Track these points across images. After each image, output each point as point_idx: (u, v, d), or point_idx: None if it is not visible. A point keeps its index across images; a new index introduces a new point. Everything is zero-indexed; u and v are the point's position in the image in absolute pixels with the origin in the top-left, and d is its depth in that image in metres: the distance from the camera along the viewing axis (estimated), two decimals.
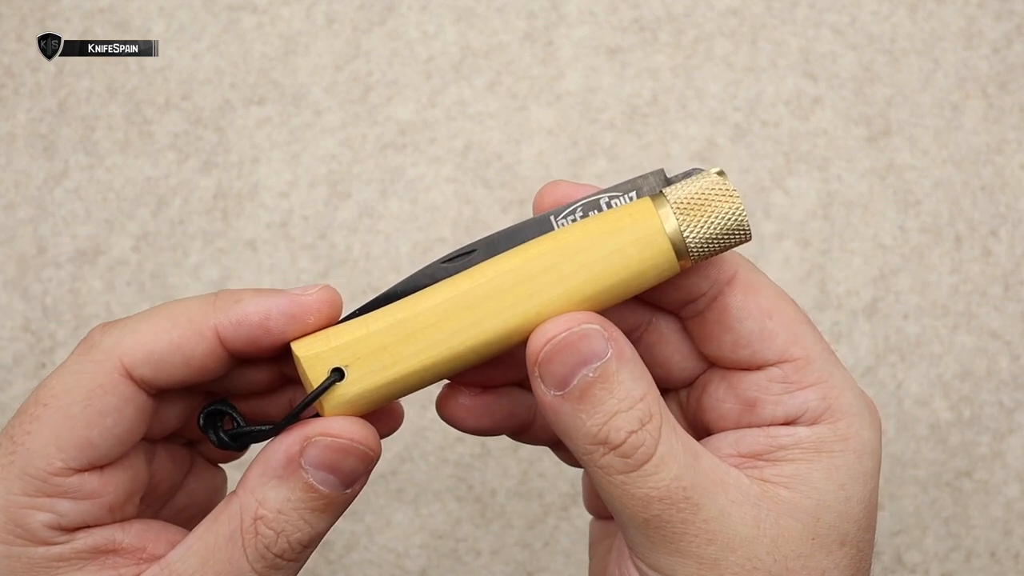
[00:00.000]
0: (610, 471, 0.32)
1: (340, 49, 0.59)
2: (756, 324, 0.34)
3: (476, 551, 0.56)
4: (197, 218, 0.58)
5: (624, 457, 0.32)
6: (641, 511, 0.32)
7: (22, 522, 0.31)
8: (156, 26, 0.59)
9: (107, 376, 0.32)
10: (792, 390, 0.34)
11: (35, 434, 0.31)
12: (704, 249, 0.33)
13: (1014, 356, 0.57)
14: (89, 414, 0.31)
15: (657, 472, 0.32)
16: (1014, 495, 0.56)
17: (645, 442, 0.32)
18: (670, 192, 0.33)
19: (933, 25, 0.59)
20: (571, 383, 0.32)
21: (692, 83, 0.59)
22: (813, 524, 0.33)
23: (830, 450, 0.34)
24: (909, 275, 0.57)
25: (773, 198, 0.58)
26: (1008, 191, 0.58)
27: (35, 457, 0.31)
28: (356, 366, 0.32)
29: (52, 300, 0.57)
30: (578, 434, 0.32)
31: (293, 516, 0.32)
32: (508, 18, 0.59)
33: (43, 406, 0.31)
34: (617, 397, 0.32)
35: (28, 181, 0.58)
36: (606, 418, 0.32)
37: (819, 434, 0.34)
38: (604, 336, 0.32)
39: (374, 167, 0.58)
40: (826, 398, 0.34)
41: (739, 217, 0.33)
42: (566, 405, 0.32)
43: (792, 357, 0.34)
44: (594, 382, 0.32)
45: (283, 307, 0.32)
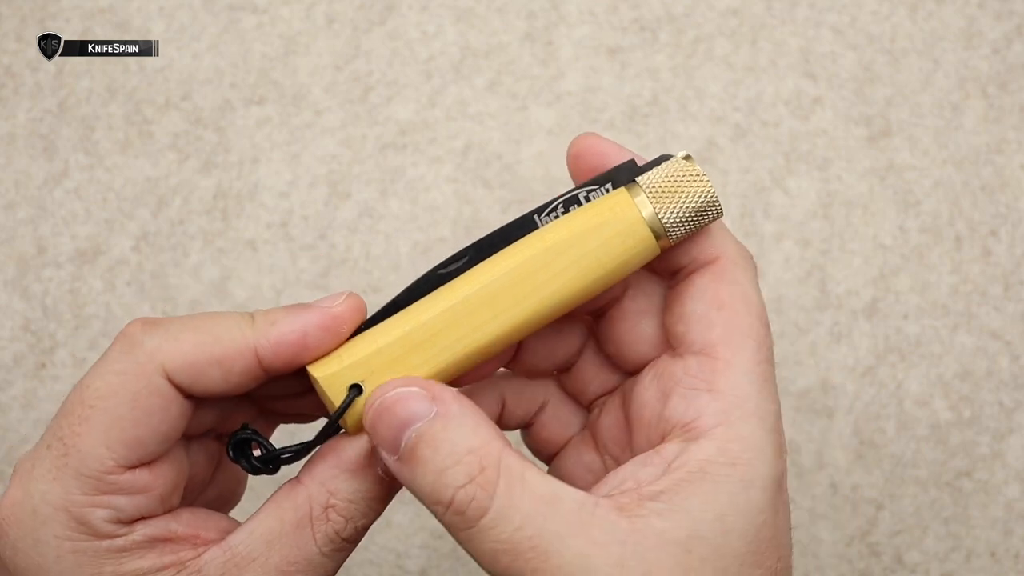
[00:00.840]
0: (454, 529, 0.32)
1: (340, 49, 0.59)
2: (703, 309, 0.34)
3: None
4: (197, 218, 0.58)
5: (458, 514, 0.31)
6: (491, 565, 0.31)
7: (84, 519, 0.32)
8: (156, 26, 0.59)
9: (151, 378, 0.33)
10: (699, 389, 0.33)
11: (85, 435, 0.32)
12: (681, 229, 0.35)
13: (1014, 356, 0.57)
14: (137, 415, 0.32)
15: (496, 525, 0.31)
16: (1014, 495, 0.56)
17: (475, 496, 0.31)
18: (643, 180, 0.35)
19: (933, 25, 0.59)
20: (400, 446, 0.32)
21: (692, 83, 0.59)
22: (684, 557, 0.31)
23: (714, 473, 0.32)
24: (909, 275, 0.57)
25: (773, 198, 0.58)
26: (1008, 191, 0.58)
27: (88, 458, 0.32)
28: (372, 380, 0.33)
29: (52, 300, 0.57)
30: (420, 495, 0.32)
31: (362, 505, 0.34)
32: (508, 18, 0.59)
33: (90, 407, 0.32)
34: (442, 454, 0.32)
35: (28, 181, 0.58)
36: (435, 476, 0.31)
37: (706, 452, 0.32)
38: (425, 396, 0.32)
39: (374, 167, 0.58)
40: (725, 412, 0.33)
41: (709, 195, 0.34)
42: (402, 467, 0.32)
43: (716, 355, 0.33)
44: (418, 441, 0.32)
45: (318, 323, 0.34)
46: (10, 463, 0.56)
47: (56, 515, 0.32)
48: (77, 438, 0.32)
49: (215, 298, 0.57)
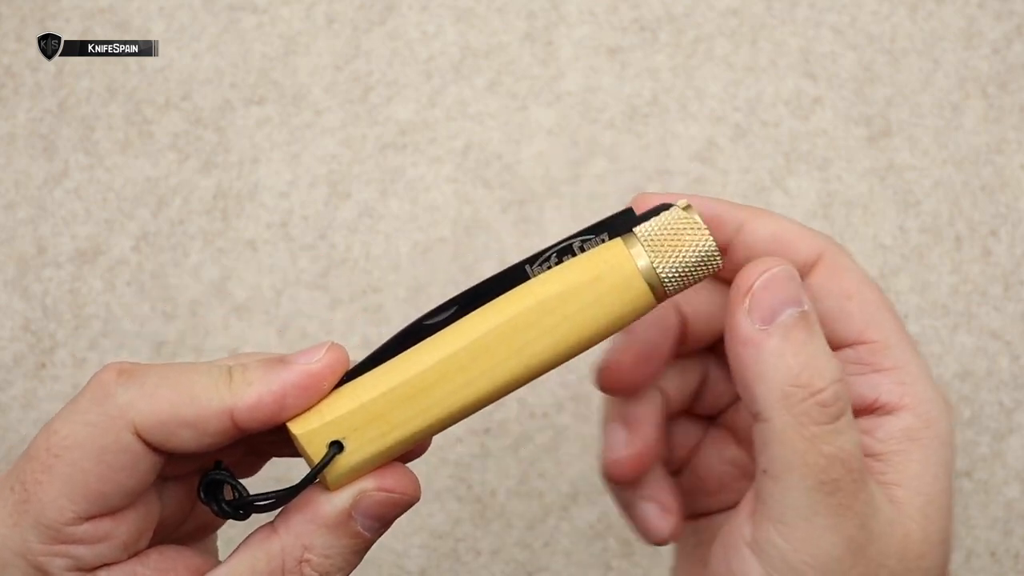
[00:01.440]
0: (805, 420, 0.31)
1: (340, 49, 0.59)
2: (835, 303, 0.34)
3: (476, 551, 0.56)
4: (197, 218, 0.58)
5: (823, 406, 0.31)
6: (822, 471, 0.31)
7: (42, 568, 0.32)
8: (156, 26, 0.59)
9: (120, 434, 0.32)
10: (866, 372, 0.34)
11: (47, 484, 0.32)
12: (678, 283, 0.33)
13: (1014, 356, 0.57)
14: (101, 469, 0.32)
15: (847, 431, 0.31)
16: (1014, 495, 0.56)
17: (843, 397, 0.31)
18: (640, 231, 0.33)
19: (933, 25, 0.59)
20: (777, 319, 0.32)
21: (692, 83, 0.59)
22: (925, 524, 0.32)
23: (919, 437, 0.33)
24: (909, 275, 0.57)
25: (773, 198, 0.58)
26: (1008, 191, 0.58)
27: (47, 508, 0.31)
28: (353, 437, 0.32)
29: (52, 300, 0.57)
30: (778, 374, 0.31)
31: (338, 560, 0.33)
32: (508, 18, 0.59)
33: (55, 456, 0.32)
34: (817, 345, 0.32)
35: (28, 181, 0.58)
36: (810, 359, 0.31)
37: (906, 422, 0.33)
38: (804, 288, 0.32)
39: (374, 167, 0.58)
40: (902, 383, 0.33)
41: (709, 249, 0.33)
42: (771, 340, 0.32)
43: (868, 339, 0.34)
44: (799, 321, 0.32)
45: (296, 382, 0.32)
46: (9, 463, 0.56)
47: (14, 560, 0.32)
48: (38, 486, 0.31)
49: (215, 298, 0.57)
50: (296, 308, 0.57)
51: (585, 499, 0.56)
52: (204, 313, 0.57)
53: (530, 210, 0.57)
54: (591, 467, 0.56)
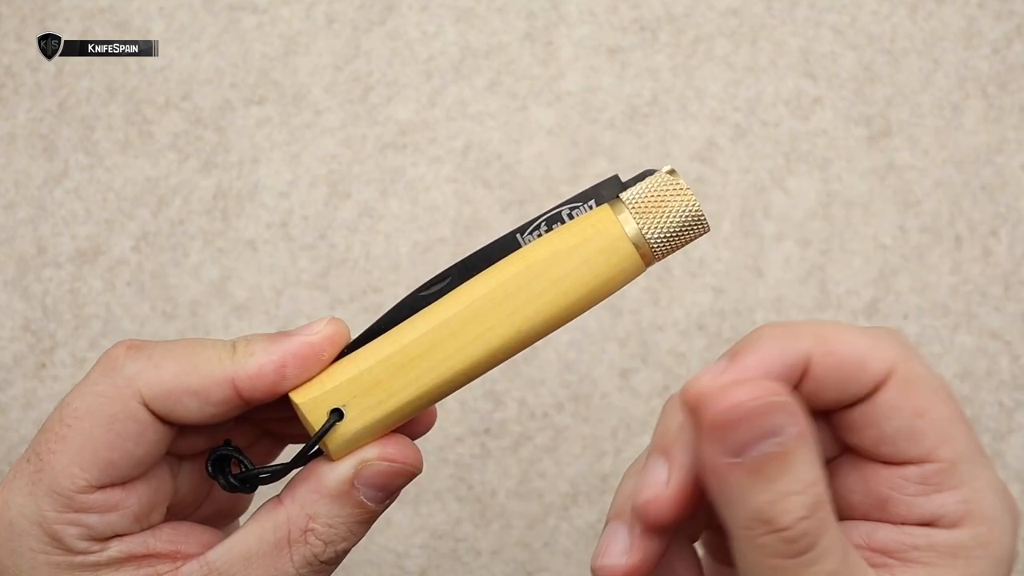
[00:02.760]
0: (767, 553, 0.31)
1: (340, 49, 0.59)
2: (905, 423, 0.33)
3: (476, 551, 0.56)
4: (197, 218, 0.58)
5: (788, 543, 0.30)
6: None
7: (56, 536, 0.33)
8: (156, 26, 0.59)
9: (128, 403, 0.33)
10: (930, 492, 0.33)
11: (60, 454, 0.33)
12: (666, 245, 0.34)
13: (1014, 356, 0.57)
14: (111, 437, 0.33)
15: (815, 564, 0.30)
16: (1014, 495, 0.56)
17: (810, 531, 0.30)
18: (626, 196, 0.34)
19: (933, 25, 0.59)
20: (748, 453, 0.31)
21: (692, 83, 0.59)
22: None
23: (967, 556, 0.32)
24: (909, 275, 0.57)
25: (773, 198, 0.58)
26: (1008, 191, 0.58)
27: (60, 476, 0.33)
28: (353, 404, 0.33)
29: (52, 300, 0.57)
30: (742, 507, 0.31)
31: (342, 529, 0.34)
32: (508, 18, 0.59)
33: (67, 426, 0.33)
34: (792, 477, 0.30)
35: (28, 181, 0.58)
36: (777, 497, 0.30)
37: (957, 539, 0.32)
38: (790, 412, 0.31)
39: (374, 167, 0.58)
40: (968, 502, 0.32)
41: (694, 211, 0.34)
42: (737, 474, 0.31)
43: (937, 459, 0.33)
44: (772, 457, 0.30)
45: (296, 352, 0.33)
46: (10, 463, 0.56)
47: (30, 529, 0.33)
48: (51, 455, 0.33)
49: (215, 298, 0.57)
50: (296, 308, 0.57)
51: (585, 499, 0.56)
52: (204, 313, 0.57)
53: (530, 210, 0.57)
54: (591, 467, 0.56)
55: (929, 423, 0.33)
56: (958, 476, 0.32)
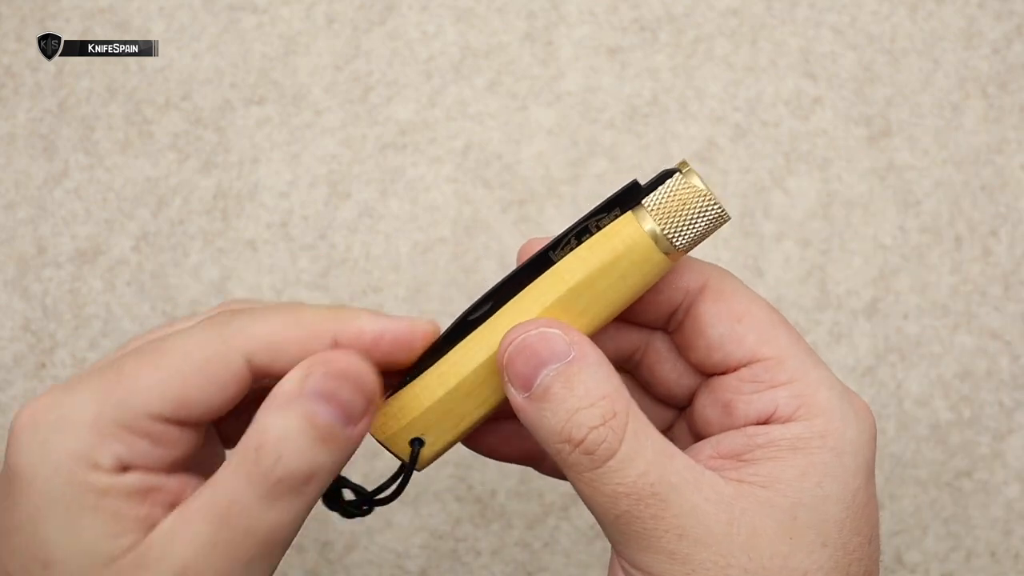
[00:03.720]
0: (578, 469, 0.33)
1: (340, 49, 0.59)
2: (726, 328, 0.36)
3: (476, 551, 0.56)
4: (197, 218, 0.58)
5: (588, 454, 0.33)
6: (611, 508, 0.33)
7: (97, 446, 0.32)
8: (156, 26, 0.59)
9: (228, 351, 0.33)
10: (762, 389, 0.35)
11: (145, 375, 0.33)
12: (691, 244, 0.35)
13: (1014, 356, 0.57)
14: (200, 378, 0.33)
15: (622, 468, 0.33)
16: (1014, 495, 0.56)
17: (607, 438, 0.33)
18: (649, 203, 0.35)
19: (933, 25, 0.59)
20: (534, 383, 0.33)
21: (692, 83, 0.59)
22: (790, 523, 0.33)
23: (806, 447, 0.34)
24: (909, 275, 0.57)
25: (773, 198, 0.58)
26: (1008, 191, 0.58)
27: (137, 393, 0.32)
28: (431, 432, 0.36)
29: (52, 300, 0.57)
30: (545, 433, 0.34)
31: (291, 444, 0.32)
32: (508, 18, 0.59)
33: (162, 354, 0.33)
34: (577, 395, 0.33)
35: (28, 181, 0.58)
36: (568, 415, 0.33)
37: (794, 431, 0.34)
38: (565, 339, 0.34)
39: (374, 167, 0.58)
40: (799, 396, 0.34)
41: (714, 209, 0.35)
42: (532, 405, 0.34)
43: (762, 357, 0.35)
44: (555, 380, 0.33)
45: (396, 332, 0.35)
46: None
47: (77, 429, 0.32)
48: (137, 372, 0.33)
49: (215, 298, 0.57)
50: None
51: None
52: None
53: (530, 210, 0.57)
54: None
55: (747, 325, 0.35)
56: (786, 372, 0.35)
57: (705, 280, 0.36)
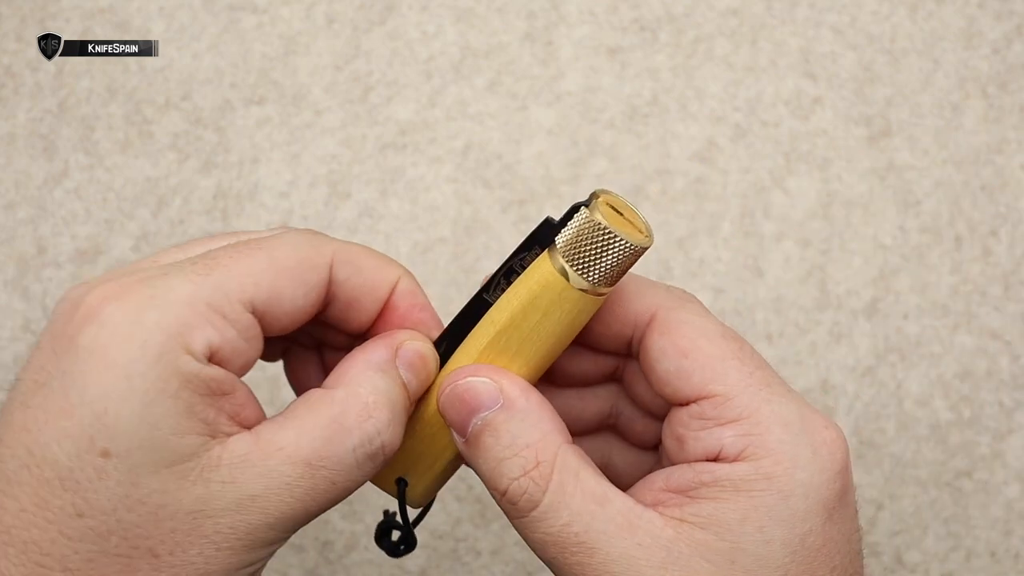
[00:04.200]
0: (508, 515, 0.34)
1: (340, 49, 0.59)
2: (671, 363, 0.35)
3: (476, 551, 0.56)
4: (197, 218, 0.58)
5: (511, 504, 0.34)
6: (541, 553, 0.34)
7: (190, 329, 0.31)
8: (156, 26, 0.59)
9: (318, 255, 0.34)
10: (709, 427, 0.34)
11: (242, 264, 0.33)
12: (607, 280, 0.35)
13: (1014, 356, 0.57)
14: (293, 274, 0.34)
15: (545, 519, 0.33)
16: (1014, 495, 0.56)
17: (528, 489, 0.33)
18: (560, 242, 0.35)
19: (933, 25, 0.59)
20: (467, 430, 0.35)
21: (692, 83, 0.59)
22: (727, 567, 0.32)
23: (749, 489, 0.33)
24: (909, 275, 0.57)
25: (773, 198, 0.58)
26: (1008, 191, 0.58)
27: (234, 277, 0.32)
28: (410, 473, 0.38)
29: (52, 300, 0.57)
30: (481, 478, 0.35)
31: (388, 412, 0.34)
32: (508, 18, 0.59)
33: (258, 248, 0.33)
34: (502, 444, 0.34)
35: (28, 181, 0.58)
36: (494, 464, 0.34)
37: (739, 472, 0.33)
38: (493, 387, 0.34)
39: (374, 167, 0.58)
40: (746, 435, 0.33)
41: (624, 246, 0.34)
42: (468, 450, 0.35)
43: (709, 394, 0.34)
44: (483, 429, 0.34)
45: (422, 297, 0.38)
46: None
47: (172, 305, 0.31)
48: (232, 260, 0.33)
49: None
50: None
51: None
52: None
53: (530, 210, 0.58)
54: None
55: (694, 361, 0.34)
56: (734, 409, 0.34)
57: (654, 311, 0.36)
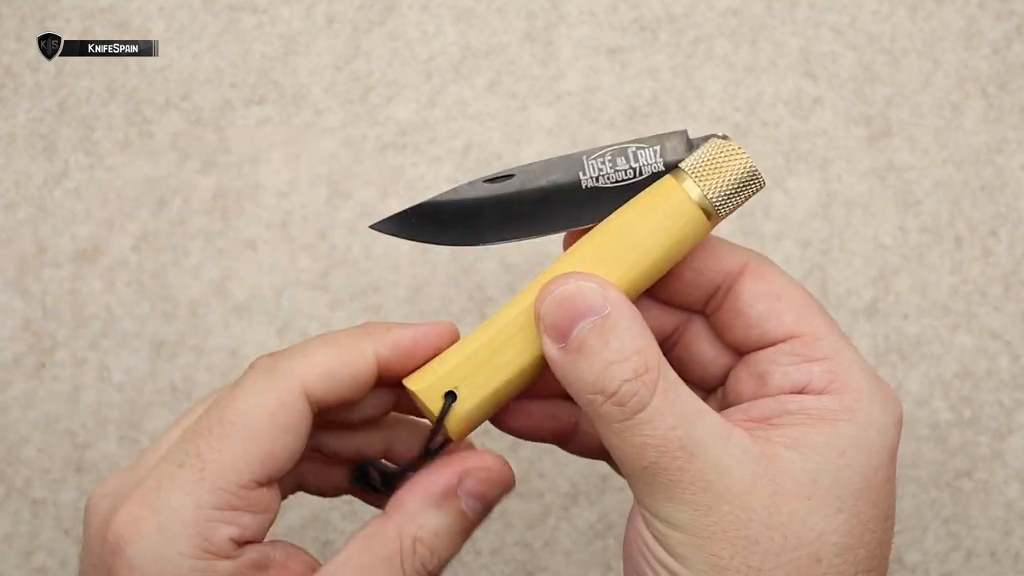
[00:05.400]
0: (609, 420, 0.34)
1: (340, 49, 0.59)
2: (765, 305, 0.37)
3: (476, 551, 0.56)
4: (197, 218, 0.58)
5: (619, 405, 0.34)
6: (639, 459, 0.34)
7: (211, 535, 0.33)
8: (156, 26, 0.59)
9: (290, 394, 0.35)
10: (799, 362, 0.36)
11: (227, 451, 0.34)
12: (728, 204, 0.37)
13: (1014, 356, 0.57)
14: (275, 430, 0.35)
15: (652, 421, 0.34)
16: (1014, 495, 0.56)
17: (639, 392, 0.34)
18: (687, 164, 0.37)
19: (933, 25, 0.59)
20: (570, 336, 0.35)
21: (692, 83, 0.59)
22: (810, 485, 0.34)
23: (833, 418, 0.35)
24: (909, 275, 0.57)
25: (773, 198, 0.58)
26: (1008, 191, 0.58)
27: (227, 471, 0.34)
28: (464, 385, 0.37)
29: (52, 300, 0.57)
30: (578, 384, 0.35)
31: (445, 539, 0.36)
32: (508, 18, 0.59)
33: (231, 424, 0.34)
34: (612, 348, 0.34)
35: (28, 181, 0.58)
36: (602, 367, 0.34)
37: (824, 403, 0.35)
38: (601, 293, 0.35)
39: (374, 167, 0.58)
40: (832, 371, 0.36)
41: (750, 170, 0.37)
42: (567, 357, 0.35)
43: (800, 333, 0.37)
44: (590, 333, 0.34)
45: (427, 332, 0.37)
46: (10, 463, 0.56)
47: (185, 530, 0.33)
48: (217, 453, 0.34)
49: (215, 298, 0.57)
50: (296, 308, 0.57)
51: (585, 499, 0.56)
52: (204, 313, 0.57)
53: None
54: (591, 467, 0.56)
55: (787, 304, 0.37)
56: (822, 349, 0.36)
57: (745, 262, 0.38)
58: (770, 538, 0.33)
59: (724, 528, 0.33)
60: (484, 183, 0.38)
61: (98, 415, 0.56)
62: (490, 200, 0.38)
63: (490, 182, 0.38)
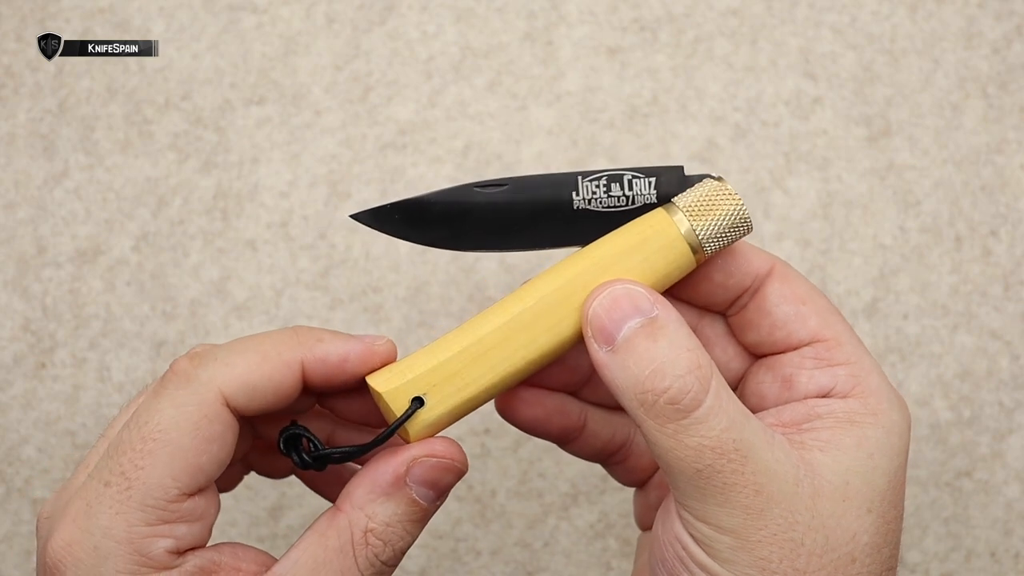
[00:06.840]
0: (662, 421, 0.34)
1: (340, 49, 0.59)
2: (791, 308, 0.38)
3: (476, 551, 0.56)
4: (197, 218, 0.58)
5: (672, 403, 0.34)
6: (693, 461, 0.34)
7: (146, 551, 0.33)
8: (156, 26, 0.59)
9: (211, 406, 0.35)
10: (823, 366, 0.37)
11: (149, 468, 0.34)
12: (715, 244, 0.37)
13: (1014, 356, 0.57)
14: (198, 443, 0.34)
15: (707, 421, 0.34)
16: (1014, 495, 0.56)
17: (693, 388, 0.34)
18: (680, 200, 0.38)
19: (933, 25, 0.59)
20: (618, 337, 0.35)
21: (692, 83, 0.59)
22: (843, 487, 0.35)
23: (861, 422, 0.36)
24: (909, 275, 0.57)
25: (773, 198, 0.58)
26: (1008, 191, 0.58)
27: (154, 488, 0.34)
28: (433, 393, 0.36)
29: (52, 300, 0.57)
30: (627, 385, 0.34)
31: (398, 528, 0.36)
32: (508, 18, 0.59)
33: (152, 440, 0.34)
34: (661, 347, 0.34)
35: (28, 181, 0.58)
36: (653, 365, 0.34)
37: (851, 407, 0.36)
38: (648, 297, 0.35)
39: (374, 167, 0.58)
40: (855, 376, 0.37)
41: (741, 214, 0.37)
42: (614, 358, 0.35)
43: (823, 338, 0.38)
44: (638, 333, 0.35)
45: (360, 352, 0.37)
46: (10, 463, 0.56)
47: (119, 549, 0.33)
48: (140, 471, 0.34)
49: (215, 298, 0.57)
50: (296, 308, 0.57)
51: (585, 499, 0.56)
52: (204, 313, 0.57)
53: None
54: (591, 467, 0.56)
55: (811, 308, 0.38)
56: (844, 354, 0.37)
57: (772, 265, 0.39)
58: (813, 540, 0.34)
59: (773, 532, 0.34)
60: (475, 188, 0.38)
61: (98, 415, 0.56)
62: (478, 206, 0.38)
63: (481, 188, 0.38)
